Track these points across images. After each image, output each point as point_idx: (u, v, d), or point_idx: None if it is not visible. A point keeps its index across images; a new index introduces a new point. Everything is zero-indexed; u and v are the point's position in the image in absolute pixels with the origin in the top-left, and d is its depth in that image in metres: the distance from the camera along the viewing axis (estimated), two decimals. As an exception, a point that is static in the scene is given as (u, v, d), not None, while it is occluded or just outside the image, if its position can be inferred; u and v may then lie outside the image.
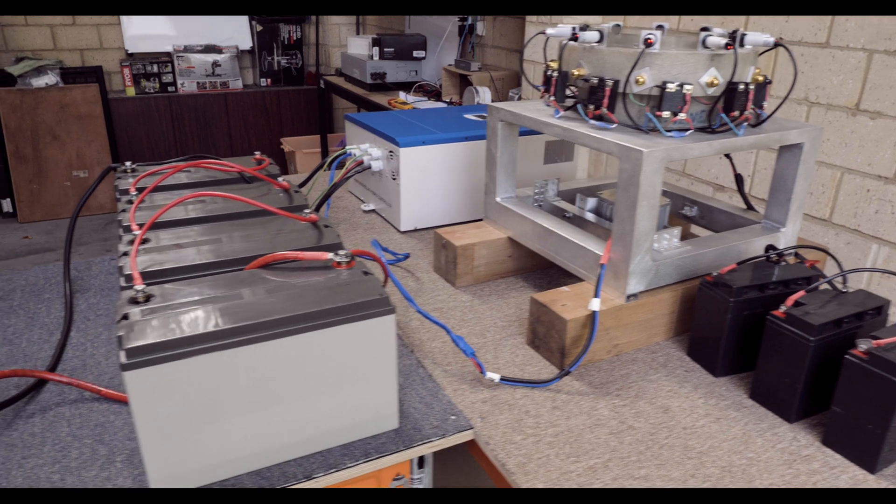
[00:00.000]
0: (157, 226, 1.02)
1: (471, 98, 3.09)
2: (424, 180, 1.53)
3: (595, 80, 1.05)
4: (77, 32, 4.48)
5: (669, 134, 1.02)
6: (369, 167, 1.61)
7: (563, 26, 1.13)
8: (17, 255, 3.65)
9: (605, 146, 1.01)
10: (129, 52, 4.57)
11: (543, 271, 1.38)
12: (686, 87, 1.00)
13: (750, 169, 2.07)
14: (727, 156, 1.33)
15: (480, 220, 1.56)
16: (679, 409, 0.94)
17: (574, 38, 1.08)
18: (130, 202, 1.12)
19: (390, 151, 1.53)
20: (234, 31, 4.75)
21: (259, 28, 4.78)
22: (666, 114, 1.01)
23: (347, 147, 1.68)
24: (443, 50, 3.83)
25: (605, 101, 1.04)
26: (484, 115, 1.77)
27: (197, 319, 0.74)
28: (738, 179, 1.31)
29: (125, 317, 0.75)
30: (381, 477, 0.90)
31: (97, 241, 3.91)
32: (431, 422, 0.90)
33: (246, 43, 4.83)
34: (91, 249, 3.77)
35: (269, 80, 4.91)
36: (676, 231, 1.10)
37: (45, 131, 4.11)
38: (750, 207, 1.30)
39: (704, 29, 1.11)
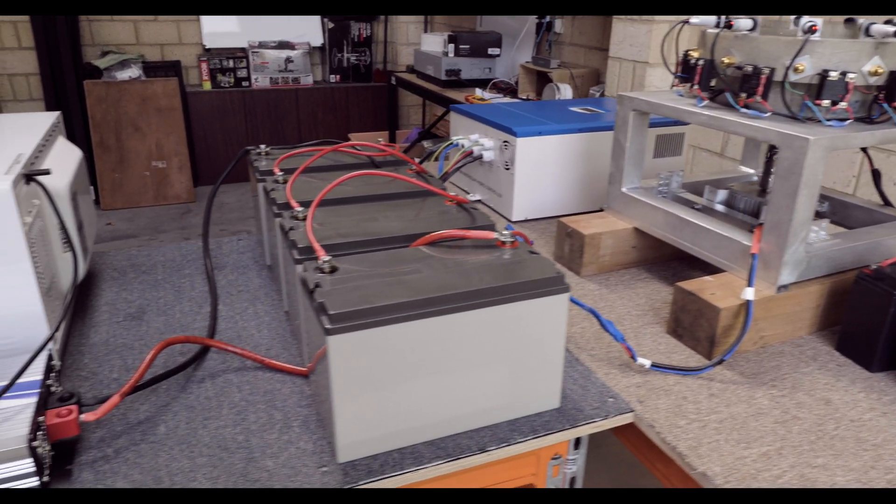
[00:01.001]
0: (307, 205, 1.05)
1: (551, 95, 3.08)
2: (538, 170, 1.53)
3: (749, 68, 1.04)
4: (158, 28, 4.64)
5: (829, 123, 1.00)
6: (480, 157, 1.62)
7: (705, 15, 1.13)
8: (102, 241, 3.79)
9: (762, 134, 1.00)
10: (207, 47, 4.71)
11: (665, 263, 1.37)
12: (849, 75, 0.98)
13: (855, 169, 2.01)
14: (864, 150, 1.30)
15: (593, 210, 1.56)
16: (841, 402, 0.92)
17: (728, 25, 1.07)
18: (277, 182, 1.15)
19: (504, 142, 1.54)
20: (307, 28, 4.85)
21: (331, 25, 4.87)
22: (825, 102, 0.99)
23: (455, 138, 1.70)
24: (515, 48, 3.83)
25: (760, 88, 1.03)
26: (590, 108, 1.76)
27: (389, 290, 0.76)
28: (876, 175, 1.28)
29: (318, 285, 0.77)
30: (540, 456, 0.91)
31: (175, 229, 4.03)
32: (591, 403, 0.90)
33: (317, 40, 4.92)
34: (171, 237, 3.89)
35: (338, 77, 4.99)
36: (825, 223, 1.08)
37: (127, 122, 4.26)
38: (888, 203, 1.27)
39: (849, 20, 1.09)
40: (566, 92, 3.03)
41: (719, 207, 1.27)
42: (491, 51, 3.71)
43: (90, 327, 1.07)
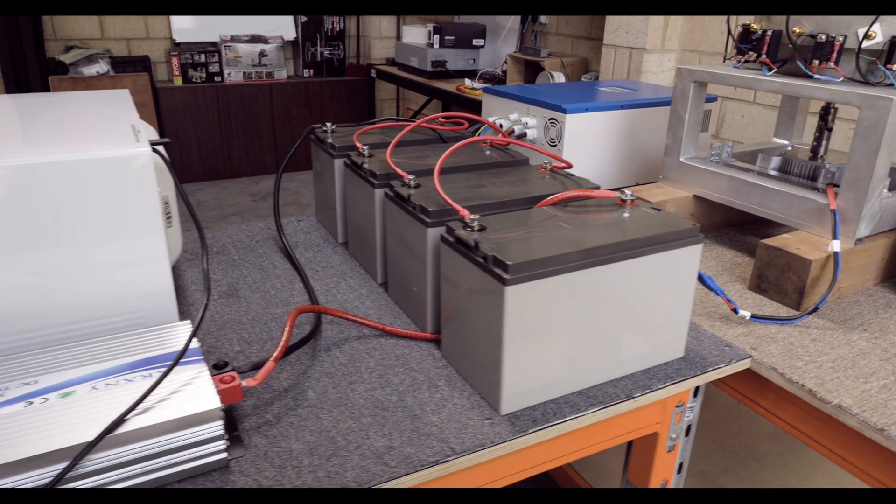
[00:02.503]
0: (419, 173, 1.05)
1: (545, 82, 3.14)
2: (584, 146, 1.58)
3: (823, 37, 1.10)
4: (125, 22, 4.47)
5: (899, 86, 1.08)
6: (522, 136, 1.66)
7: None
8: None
9: (841, 97, 1.07)
10: (177, 41, 4.57)
11: (718, 230, 1.43)
12: (918, 40, 1.06)
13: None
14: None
15: (636, 184, 1.62)
16: (929, 340, 1.00)
17: (800, -3, 1.13)
18: (362, 155, 1.16)
19: (551, 119, 1.58)
20: (280, 21, 4.77)
21: (303, 19, 4.80)
22: None
23: (491, 118, 1.73)
24: (502, 38, 3.88)
25: (834, 55, 1.10)
26: (620, 87, 1.82)
27: (549, 243, 0.79)
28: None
29: (477, 242, 0.79)
30: (666, 404, 0.95)
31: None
32: (710, 351, 0.95)
33: (290, 34, 4.84)
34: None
35: (311, 71, 4.93)
36: (887, 181, 1.16)
37: (96, 120, 4.09)
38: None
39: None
40: (559, 80, 3.09)
41: (773, 173, 1.34)
42: (475, 42, 3.75)
43: (189, 304, 1.05)
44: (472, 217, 0.84)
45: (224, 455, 0.70)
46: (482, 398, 0.83)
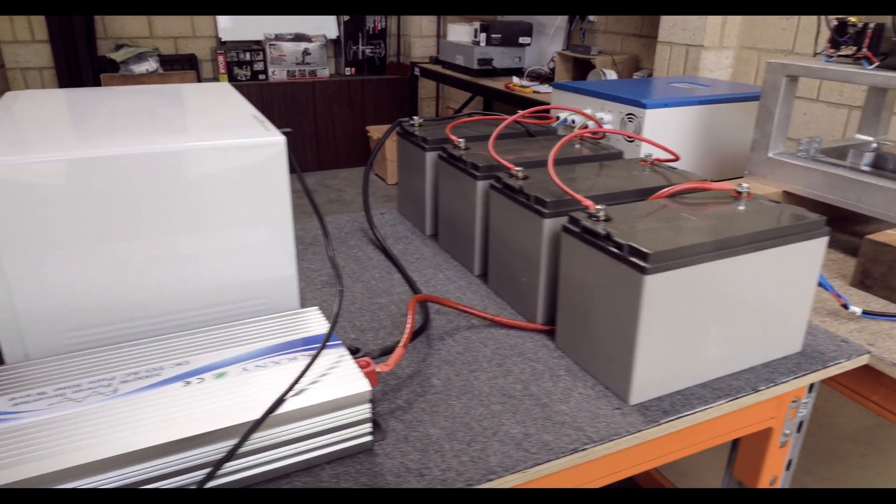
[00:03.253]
0: (525, 165, 1.06)
1: (596, 79, 3.13)
2: (662, 142, 1.57)
3: (933, 29, 1.09)
4: (171, 21, 4.55)
5: None
6: (597, 131, 1.65)
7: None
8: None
9: (955, 90, 1.05)
10: (222, 40, 4.64)
11: (805, 227, 1.41)
12: None
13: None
14: None
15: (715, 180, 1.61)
16: None
17: (908, -12, 1.12)
18: (458, 147, 1.17)
19: (629, 114, 1.57)
20: (323, 20, 4.81)
21: (346, 18, 4.84)
22: None
23: (563, 114, 1.73)
24: (549, 36, 3.88)
25: (946, 48, 1.08)
26: (690, 83, 1.81)
27: (681, 233, 0.78)
28: None
29: (608, 231, 0.79)
30: (783, 399, 0.94)
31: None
32: (827, 346, 0.94)
33: (333, 32, 4.89)
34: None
35: (353, 70, 4.97)
36: None
37: (145, 117, 4.17)
38: None
39: None
40: (611, 77, 3.08)
41: (865, 168, 1.32)
42: (522, 40, 3.75)
43: (295, 294, 1.07)
44: (598, 207, 0.84)
45: (370, 438, 0.71)
46: (606, 388, 0.83)
